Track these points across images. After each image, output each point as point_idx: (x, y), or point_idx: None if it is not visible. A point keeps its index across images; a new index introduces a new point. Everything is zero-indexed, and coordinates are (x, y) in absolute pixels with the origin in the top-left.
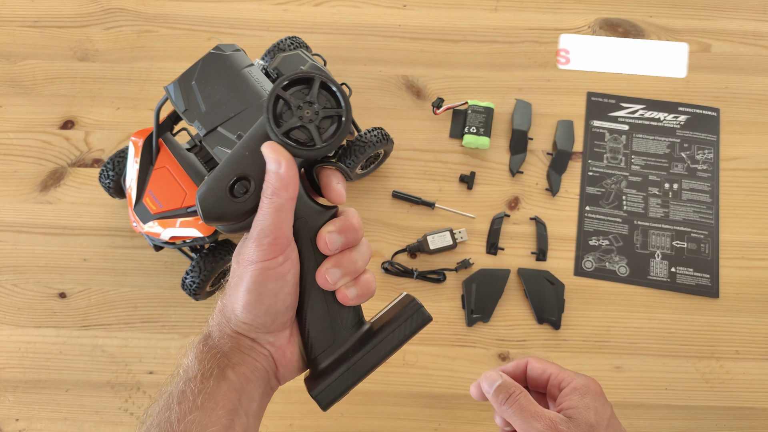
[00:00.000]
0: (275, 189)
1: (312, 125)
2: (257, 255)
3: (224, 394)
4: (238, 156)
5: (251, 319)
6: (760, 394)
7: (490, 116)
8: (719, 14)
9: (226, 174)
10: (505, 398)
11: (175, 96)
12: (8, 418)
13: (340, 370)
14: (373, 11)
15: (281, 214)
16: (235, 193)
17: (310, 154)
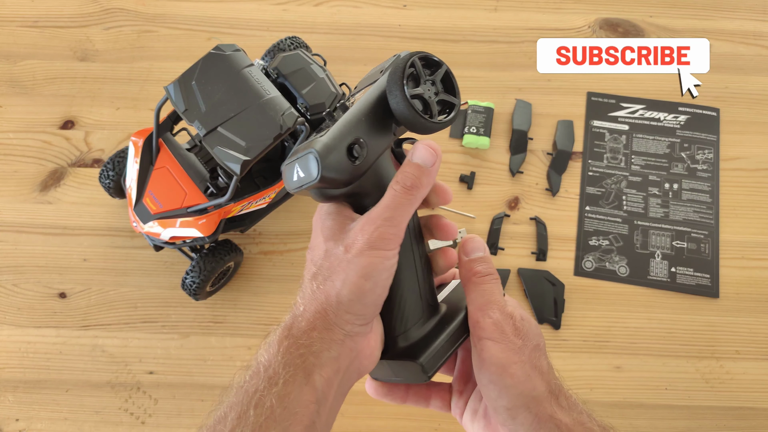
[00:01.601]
0: (418, 183)
1: (432, 101)
2: (380, 243)
3: (305, 406)
4: (357, 120)
5: (359, 309)
6: (760, 394)
7: (490, 116)
8: (719, 14)
9: (346, 134)
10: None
11: (175, 96)
12: (8, 418)
13: (441, 337)
14: (373, 11)
15: (410, 209)
16: (353, 153)
17: (427, 124)
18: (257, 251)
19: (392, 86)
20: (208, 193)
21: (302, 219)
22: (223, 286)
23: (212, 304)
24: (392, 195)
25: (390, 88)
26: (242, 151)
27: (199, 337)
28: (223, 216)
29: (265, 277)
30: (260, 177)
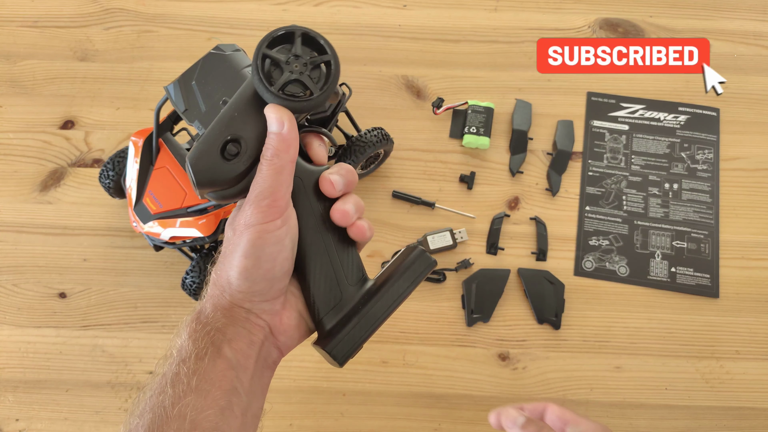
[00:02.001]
0: (276, 150)
1: (304, 76)
2: (255, 218)
3: (221, 373)
4: (228, 118)
5: (248, 287)
6: (760, 394)
7: (490, 116)
8: (719, 14)
9: (216, 136)
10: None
11: (175, 96)
12: (8, 418)
13: (352, 323)
14: (373, 11)
15: (281, 176)
16: (227, 155)
17: (310, 104)
18: None
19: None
20: None
21: None
22: None
23: None
24: (259, 170)
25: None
26: None
27: None
28: (223, 216)
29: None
30: None
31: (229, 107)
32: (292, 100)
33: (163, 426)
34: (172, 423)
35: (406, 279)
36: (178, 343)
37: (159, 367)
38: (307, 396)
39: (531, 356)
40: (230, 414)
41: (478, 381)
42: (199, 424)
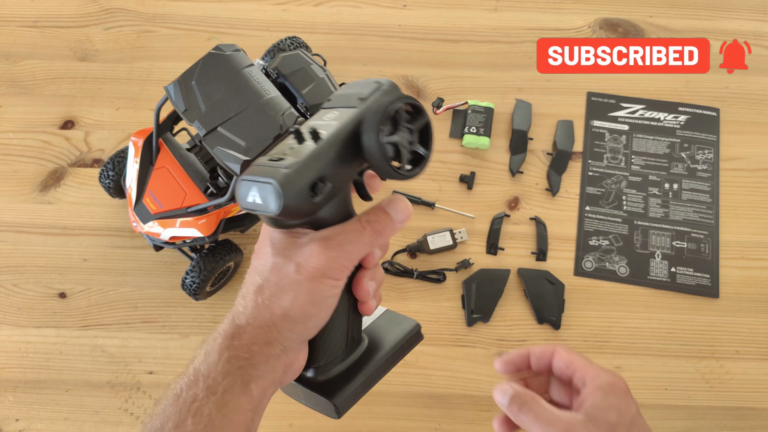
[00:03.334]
0: (384, 231)
1: (405, 151)
2: (335, 273)
3: (242, 414)
4: (325, 156)
5: (302, 330)
6: (760, 394)
7: (490, 116)
8: (719, 14)
9: (310, 170)
10: (518, 408)
11: (175, 96)
12: (8, 418)
13: (357, 379)
14: (373, 11)
15: (370, 248)
16: (315, 191)
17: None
18: None
19: (369, 127)
20: (208, 193)
21: None
22: (223, 286)
23: (212, 304)
24: (358, 230)
25: (367, 129)
26: (242, 151)
27: (199, 337)
28: (223, 216)
29: None
30: None
31: (326, 146)
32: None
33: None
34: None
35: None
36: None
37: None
38: None
39: None
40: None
41: (478, 381)
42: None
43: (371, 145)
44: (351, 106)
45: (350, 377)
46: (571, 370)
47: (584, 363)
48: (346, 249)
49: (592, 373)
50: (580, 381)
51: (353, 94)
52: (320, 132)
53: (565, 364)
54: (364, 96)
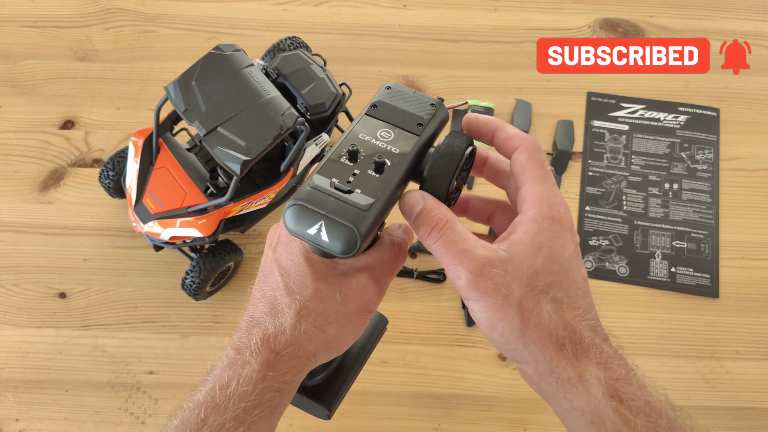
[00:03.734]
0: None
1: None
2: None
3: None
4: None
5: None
6: (760, 394)
7: None
8: (719, 14)
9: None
10: (427, 232)
11: (175, 96)
12: (8, 418)
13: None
14: (373, 11)
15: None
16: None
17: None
18: (257, 251)
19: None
20: (208, 193)
21: None
22: (223, 286)
23: (212, 304)
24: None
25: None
26: (242, 151)
27: (199, 337)
28: (223, 216)
29: None
30: (260, 177)
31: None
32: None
33: None
34: None
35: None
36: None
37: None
38: None
39: None
40: None
41: (478, 381)
42: None
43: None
44: (410, 130)
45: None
46: (519, 182)
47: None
48: (388, 281)
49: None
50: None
51: (408, 113)
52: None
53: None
54: (424, 121)
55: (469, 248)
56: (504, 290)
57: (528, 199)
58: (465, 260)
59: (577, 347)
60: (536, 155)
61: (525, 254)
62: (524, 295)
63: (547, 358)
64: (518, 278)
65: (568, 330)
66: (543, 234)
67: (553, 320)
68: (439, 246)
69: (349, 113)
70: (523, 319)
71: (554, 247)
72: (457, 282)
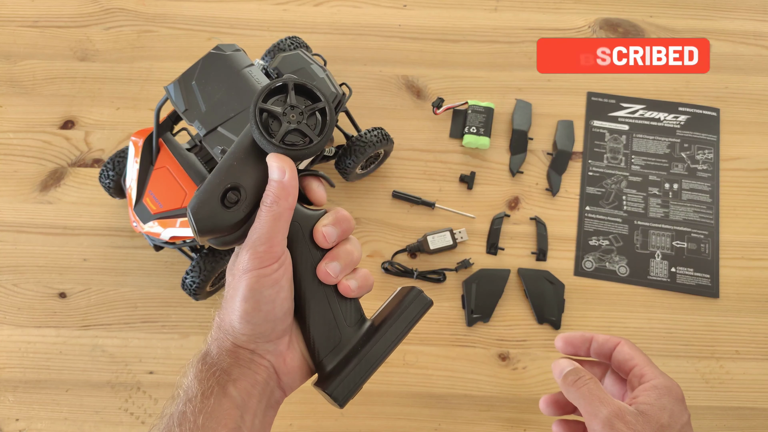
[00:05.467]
0: (276, 197)
1: (303, 125)
2: (252, 263)
3: (226, 412)
4: (227, 167)
5: (250, 329)
6: (760, 394)
7: (490, 116)
8: (719, 14)
9: (216, 185)
10: (573, 380)
11: (175, 96)
12: (8, 418)
13: (351, 364)
14: (373, 11)
15: (279, 223)
16: (227, 203)
17: (310, 150)
18: None
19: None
20: None
21: None
22: (223, 286)
23: (212, 304)
24: (258, 216)
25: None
26: None
27: (199, 337)
28: None
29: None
30: None
31: (228, 156)
32: (293, 149)
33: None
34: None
35: (404, 319)
36: (185, 383)
37: (167, 408)
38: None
39: (531, 356)
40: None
41: (478, 381)
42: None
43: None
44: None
45: (346, 364)
46: (631, 365)
47: (645, 361)
48: (256, 237)
49: (651, 372)
50: (637, 377)
51: None
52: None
53: (625, 358)
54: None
55: (608, 397)
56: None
57: (646, 374)
58: (606, 404)
59: None
60: (634, 345)
61: (653, 411)
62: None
63: None
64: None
65: None
66: (665, 399)
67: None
68: (586, 390)
69: (349, 113)
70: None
71: (675, 411)
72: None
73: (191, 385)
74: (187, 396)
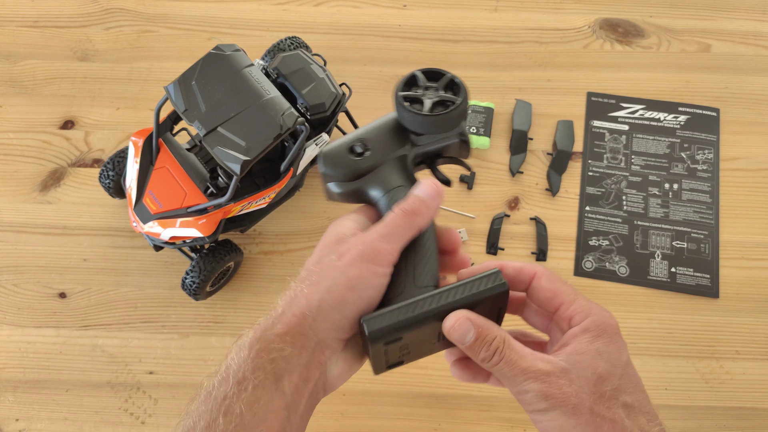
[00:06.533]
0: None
1: (427, 99)
2: (375, 257)
3: (275, 411)
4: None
5: (338, 319)
6: (760, 394)
7: (490, 116)
8: (719, 14)
9: (350, 139)
10: (487, 358)
11: (175, 96)
12: (8, 418)
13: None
14: (373, 11)
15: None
16: (354, 150)
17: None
18: (257, 251)
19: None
20: (208, 193)
21: (302, 219)
22: (223, 286)
23: (212, 304)
24: (390, 216)
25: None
26: (242, 151)
27: (199, 337)
28: (223, 216)
29: (265, 277)
30: (260, 177)
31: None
32: (444, 112)
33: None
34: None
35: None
36: (236, 363)
37: (207, 382)
38: None
39: None
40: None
41: None
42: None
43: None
44: None
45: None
46: (554, 304)
47: (570, 296)
48: (382, 233)
49: (580, 309)
50: (564, 318)
51: None
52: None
53: (546, 296)
54: None
55: (530, 364)
56: (573, 399)
57: (573, 315)
58: (529, 376)
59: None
60: (554, 276)
61: (586, 361)
62: (594, 402)
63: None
64: (584, 385)
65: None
66: (599, 341)
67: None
68: (501, 367)
69: (349, 113)
70: (597, 426)
71: (611, 352)
72: (523, 397)
73: (244, 368)
74: (237, 381)
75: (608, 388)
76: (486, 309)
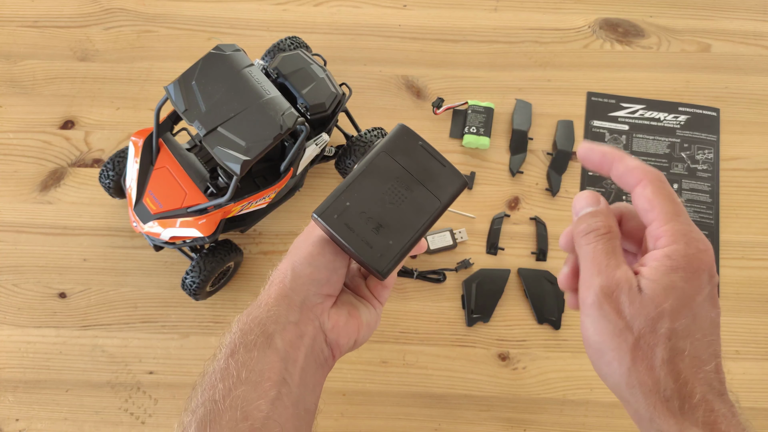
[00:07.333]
0: None
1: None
2: None
3: (270, 365)
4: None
5: (311, 272)
6: (760, 394)
7: (490, 116)
8: (719, 14)
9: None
10: (584, 231)
11: (175, 96)
12: (8, 418)
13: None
14: (373, 11)
15: None
16: None
17: None
18: (257, 251)
19: None
20: (208, 193)
21: (302, 219)
22: (223, 286)
23: (212, 304)
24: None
25: None
26: (242, 151)
27: (199, 337)
28: (223, 216)
29: (266, 277)
30: (260, 177)
31: None
32: None
33: (216, 418)
34: (224, 415)
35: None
36: (228, 339)
37: (208, 366)
38: None
39: (531, 356)
40: (281, 404)
41: (478, 381)
42: (251, 414)
43: None
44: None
45: None
46: (649, 218)
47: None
48: None
49: (672, 232)
50: (652, 238)
51: None
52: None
53: (644, 207)
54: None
55: (612, 266)
56: (625, 320)
57: (662, 236)
58: (603, 275)
59: (684, 402)
60: (663, 188)
61: (653, 292)
62: (643, 334)
63: (649, 407)
64: (643, 315)
65: (679, 383)
66: (676, 273)
67: (665, 371)
68: (590, 249)
69: (349, 113)
70: (634, 358)
71: (687, 289)
72: (584, 290)
73: (234, 339)
74: (229, 350)
75: (665, 328)
76: None
